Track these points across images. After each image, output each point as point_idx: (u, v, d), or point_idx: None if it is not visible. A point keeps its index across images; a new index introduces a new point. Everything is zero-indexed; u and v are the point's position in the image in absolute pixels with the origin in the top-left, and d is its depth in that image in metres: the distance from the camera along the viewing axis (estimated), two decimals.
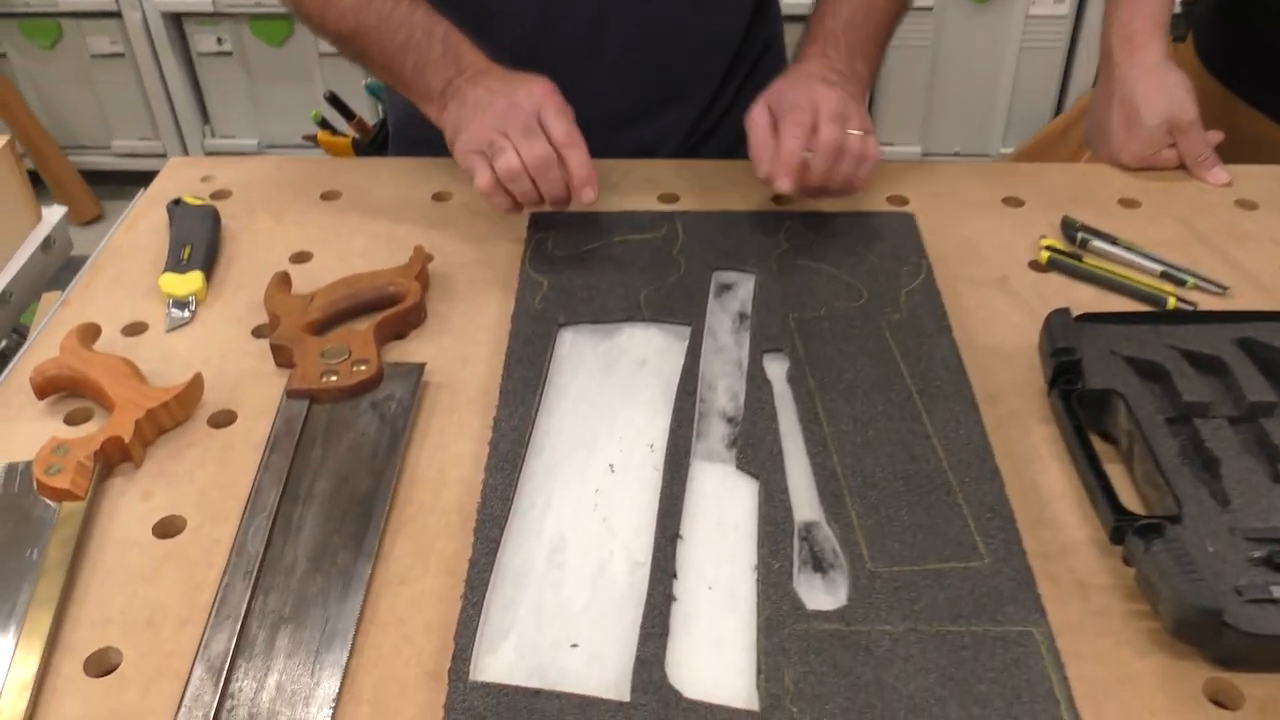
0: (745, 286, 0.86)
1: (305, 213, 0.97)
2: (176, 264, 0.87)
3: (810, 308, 0.82)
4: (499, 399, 0.74)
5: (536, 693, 0.56)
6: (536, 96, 0.82)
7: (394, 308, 0.82)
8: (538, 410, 0.73)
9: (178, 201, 0.94)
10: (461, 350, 0.81)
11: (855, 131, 0.84)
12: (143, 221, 0.96)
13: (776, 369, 0.77)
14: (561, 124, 0.82)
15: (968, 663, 0.57)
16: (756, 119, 0.85)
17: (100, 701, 0.58)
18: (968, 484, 0.67)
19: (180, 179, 1.03)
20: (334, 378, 0.76)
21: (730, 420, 0.74)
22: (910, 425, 0.71)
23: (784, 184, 0.83)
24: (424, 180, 1.01)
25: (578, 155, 0.82)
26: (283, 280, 0.86)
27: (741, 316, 0.83)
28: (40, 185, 2.56)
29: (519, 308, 0.82)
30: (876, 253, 0.88)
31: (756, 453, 0.70)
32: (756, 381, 0.76)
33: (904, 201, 0.97)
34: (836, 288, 0.84)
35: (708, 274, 0.86)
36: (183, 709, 0.56)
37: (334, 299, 0.83)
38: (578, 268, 0.86)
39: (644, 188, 0.99)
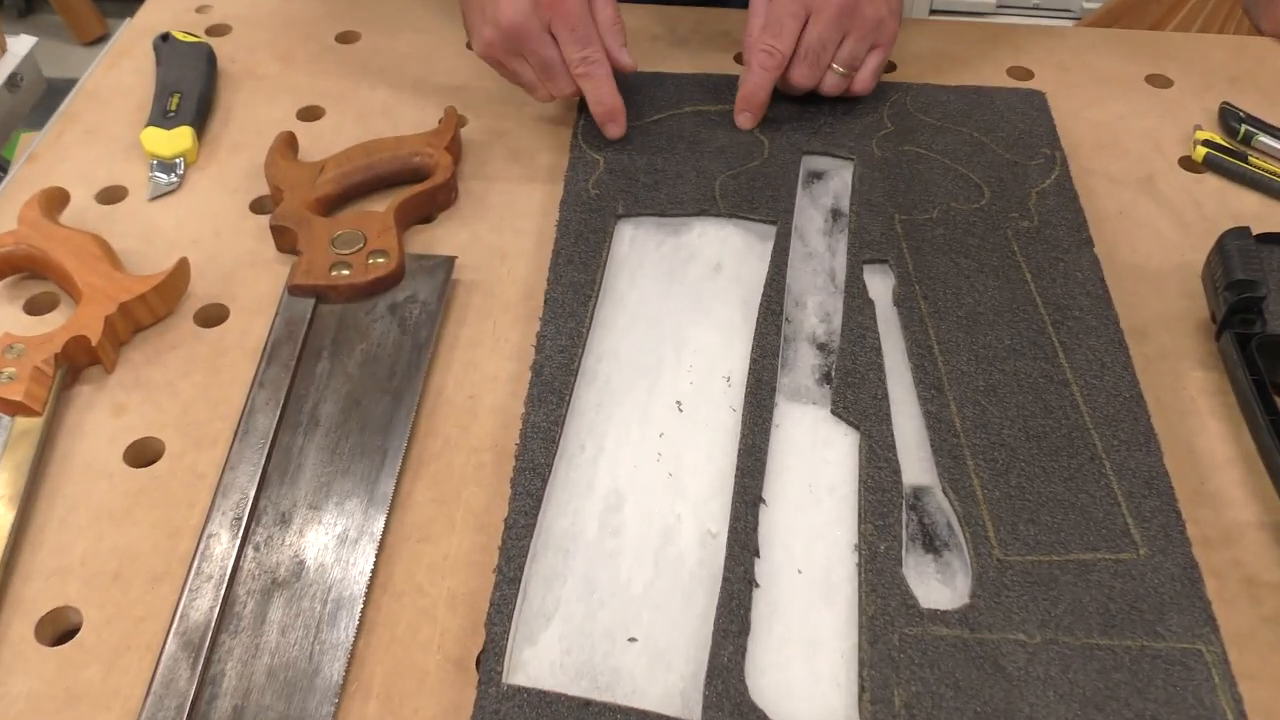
0: (840, 176, 0.71)
1: (318, 57, 0.82)
2: (162, 116, 0.73)
3: (920, 207, 0.67)
4: (544, 309, 0.61)
5: (586, 704, 0.45)
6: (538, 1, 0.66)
7: (420, 185, 0.68)
8: (590, 326, 0.61)
9: (166, 37, 0.79)
10: (499, 242, 0.68)
11: (839, 70, 0.72)
12: (125, 59, 0.82)
13: (880, 285, 0.63)
14: (574, 40, 0.68)
15: (1121, 688, 0.46)
16: (756, 5, 0.72)
17: (54, 677, 0.47)
18: (1117, 448, 0.54)
19: (172, 6, 0.87)
20: (346, 271, 0.63)
21: (822, 348, 0.60)
22: (1044, 366, 0.58)
23: (742, 120, 0.73)
24: (458, 21, 0.85)
25: (593, 86, 0.70)
26: (288, 142, 0.72)
27: (835, 214, 0.68)
28: None
29: (569, 192, 0.68)
30: (1000, 140, 0.72)
31: (856, 395, 0.57)
32: (855, 300, 0.62)
33: (1028, 75, 0.81)
34: (952, 183, 0.69)
35: (796, 157, 0.71)
36: (151, 695, 0.46)
37: (348, 170, 0.70)
38: (640, 144, 0.72)
39: (718, 43, 0.84)
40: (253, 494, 0.53)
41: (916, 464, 0.55)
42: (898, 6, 0.71)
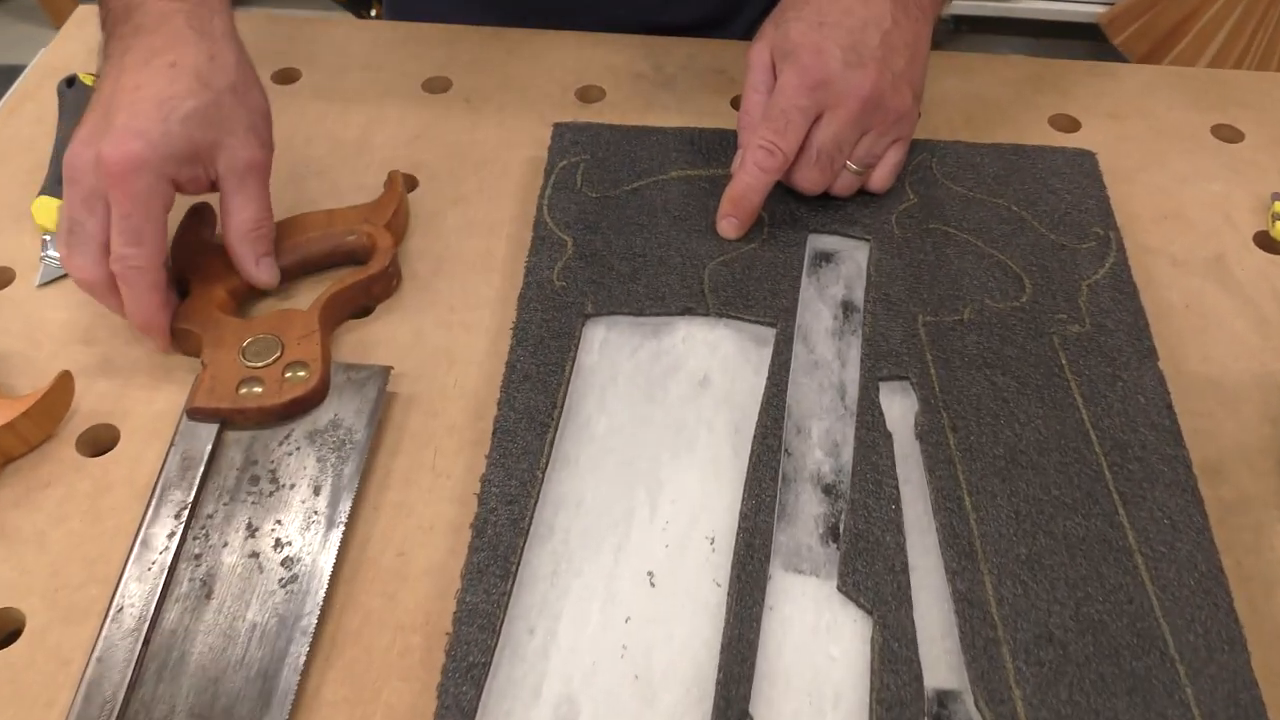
0: (854, 259, 0.60)
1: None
2: (58, 182, 0.62)
3: (948, 305, 0.56)
4: (491, 443, 0.51)
5: None
6: (105, 163, 0.51)
7: (353, 274, 0.58)
8: (547, 465, 0.50)
9: (71, 81, 0.68)
10: (446, 342, 0.57)
11: (853, 168, 0.60)
12: (29, 104, 0.71)
13: (899, 409, 0.53)
14: (120, 230, 0.52)
15: None
16: (754, 75, 0.61)
17: None
18: (1193, 646, 0.44)
19: (89, 39, 0.76)
20: (258, 389, 0.52)
21: (829, 491, 0.50)
22: (1101, 527, 0.48)
23: (725, 227, 0.60)
24: (415, 57, 0.74)
25: (129, 292, 0.53)
26: (197, 219, 0.61)
27: (847, 308, 0.57)
28: None
29: (530, 283, 0.58)
30: (1044, 216, 0.61)
31: (870, 567, 0.46)
32: (869, 429, 0.51)
33: (1073, 126, 0.70)
34: (987, 273, 0.58)
35: (801, 236, 0.60)
36: None
37: (277, 252, 0.59)
38: (616, 220, 0.61)
39: (711, 83, 0.72)
40: (122, 696, 0.43)
41: (942, 661, 0.44)
42: (920, 90, 0.60)
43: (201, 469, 0.50)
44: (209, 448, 0.51)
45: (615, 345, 0.56)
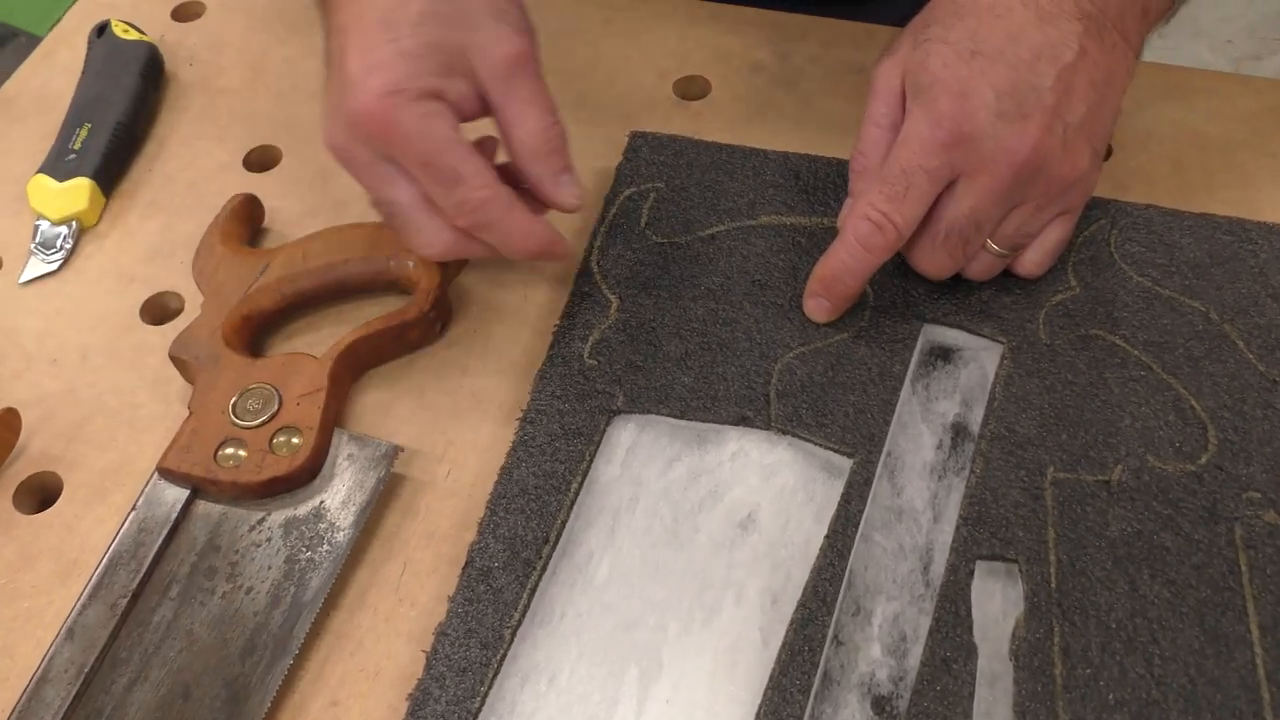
0: (979, 365, 0.46)
1: (298, 65, 0.61)
2: (59, 157, 0.55)
3: (1093, 456, 0.42)
4: (458, 584, 0.41)
5: None
6: (359, 120, 0.42)
7: (383, 321, 0.48)
8: (521, 621, 0.40)
9: (103, 29, 0.60)
10: (448, 415, 0.47)
11: (996, 249, 0.46)
12: (62, 51, 0.63)
13: (997, 606, 0.40)
14: (436, 180, 0.43)
15: None
16: (877, 104, 0.47)
17: None
18: None
19: None
20: (239, 455, 0.44)
21: (881, 709, 0.38)
22: None
23: (812, 309, 0.47)
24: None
25: (496, 232, 0.45)
26: (241, 215, 0.53)
27: (958, 436, 0.44)
28: None
29: (554, 357, 0.47)
30: (1257, 333, 0.45)
31: None
32: (950, 623, 0.39)
33: None
34: (1157, 411, 0.44)
35: (914, 328, 0.47)
36: None
37: (297, 273, 0.50)
38: (680, 275, 0.49)
39: (846, 86, 0.58)
40: None
41: None
42: (1104, 145, 0.44)
43: (157, 547, 0.43)
44: (174, 517, 0.44)
45: (645, 455, 0.44)
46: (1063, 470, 0.42)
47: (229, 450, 0.45)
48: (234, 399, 0.46)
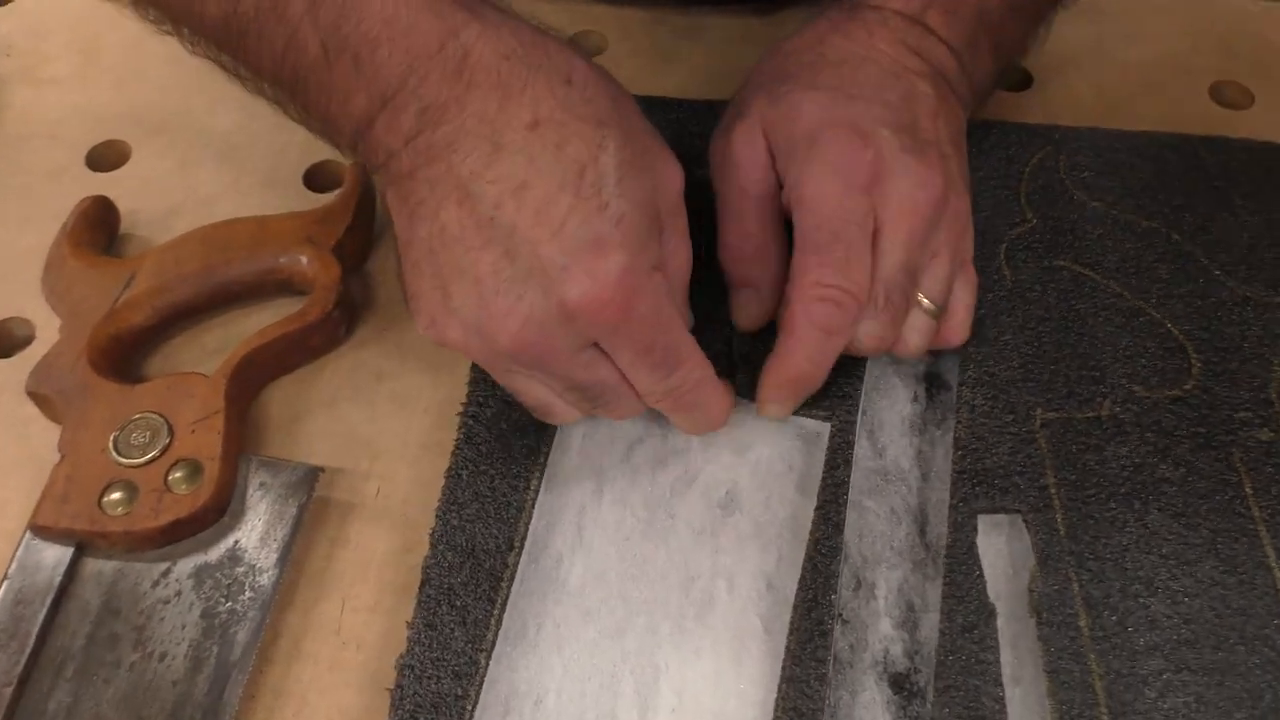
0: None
1: (137, 49, 0.53)
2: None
3: (1079, 392, 0.40)
4: (415, 606, 0.35)
5: None
6: (592, 310, 0.33)
7: (279, 328, 0.42)
8: (495, 642, 0.35)
9: None
10: (367, 426, 0.42)
11: (928, 305, 0.39)
12: None
13: (1007, 559, 0.37)
14: (654, 365, 0.36)
15: None
16: (742, 180, 0.40)
17: None
18: None
19: None
20: (128, 500, 0.38)
21: (900, 687, 0.35)
22: None
23: (772, 409, 0.40)
24: None
25: (694, 415, 0.39)
26: (91, 219, 0.46)
27: (933, 385, 0.41)
28: None
29: None
30: (1219, 249, 0.44)
31: None
32: (961, 584, 0.36)
33: (1244, 99, 0.51)
34: (1135, 339, 0.42)
35: None
36: None
37: (170, 281, 0.44)
38: None
39: (754, 33, 0.54)
40: None
41: None
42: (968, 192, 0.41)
43: (41, 620, 0.36)
44: (57, 582, 0.37)
45: (603, 440, 0.40)
46: (1051, 410, 0.39)
47: (116, 495, 0.38)
48: (114, 434, 0.39)
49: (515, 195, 0.32)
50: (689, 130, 0.47)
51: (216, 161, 0.49)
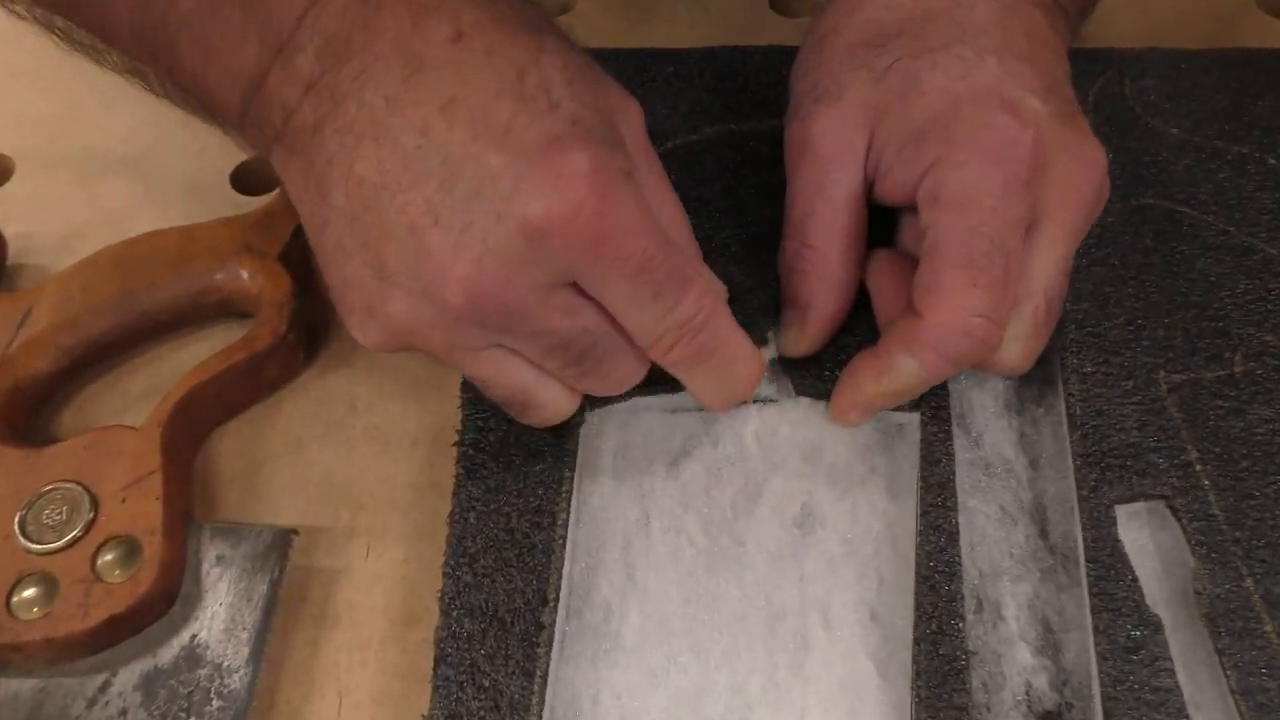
0: None
1: (21, 39, 0.45)
2: None
3: (1204, 347, 0.34)
4: (432, 695, 0.28)
5: None
6: (561, 221, 0.26)
7: (222, 359, 0.34)
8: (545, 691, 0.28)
9: None
10: (345, 470, 0.34)
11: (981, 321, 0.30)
12: None
13: (1159, 556, 0.30)
14: (653, 287, 0.28)
15: None
16: (820, 177, 0.32)
17: None
18: None
19: None
20: (44, 599, 0.30)
21: None
22: None
23: (855, 419, 0.33)
24: None
25: (719, 361, 0.30)
26: None
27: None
28: None
29: None
30: None
31: None
32: (1108, 592, 0.29)
33: None
34: (1255, 280, 0.35)
35: None
36: None
37: (77, 315, 0.35)
38: None
39: None
40: None
41: None
42: None
43: None
44: None
45: (641, 457, 0.33)
46: (1176, 371, 0.33)
47: (29, 592, 0.30)
48: (20, 514, 0.31)
49: (444, 112, 0.26)
50: (700, 84, 0.40)
51: (122, 169, 0.41)
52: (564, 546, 0.31)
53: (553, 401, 0.30)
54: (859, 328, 0.33)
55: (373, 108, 0.26)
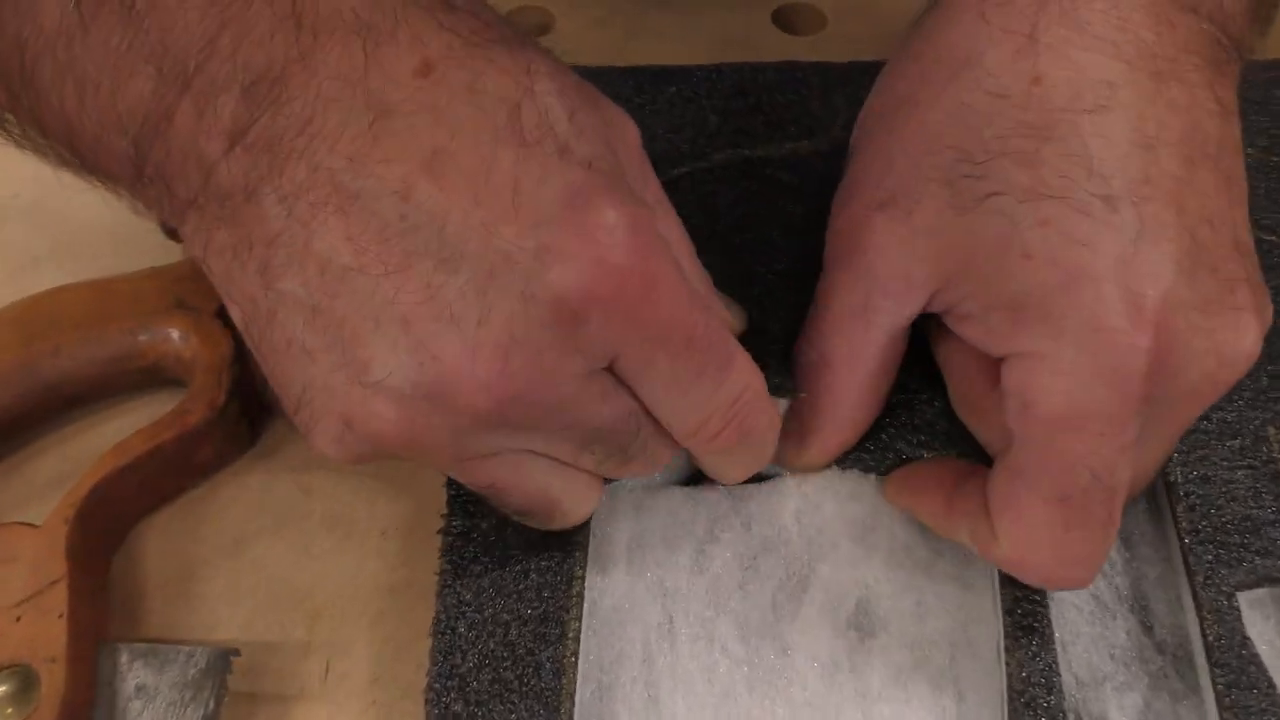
0: None
1: None
2: None
3: None
4: None
5: None
6: (600, 288, 0.21)
7: (146, 440, 0.28)
8: None
9: None
10: (297, 565, 0.28)
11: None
12: None
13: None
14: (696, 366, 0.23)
15: None
16: (867, 304, 0.26)
17: None
18: None
19: None
20: None
21: None
22: None
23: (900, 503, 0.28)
24: None
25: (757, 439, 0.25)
26: None
27: None
28: None
29: None
30: None
31: None
32: (1248, 702, 0.24)
33: None
34: None
35: None
36: None
37: None
38: None
39: None
40: None
41: None
42: None
43: None
44: None
45: (661, 545, 0.27)
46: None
47: None
48: None
49: (429, 171, 0.20)
50: (707, 105, 0.35)
51: (21, 213, 0.35)
52: (574, 663, 0.25)
53: (581, 500, 0.25)
54: (914, 381, 0.28)
55: (330, 169, 0.20)
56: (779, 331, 0.29)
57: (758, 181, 0.33)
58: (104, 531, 0.27)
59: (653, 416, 0.23)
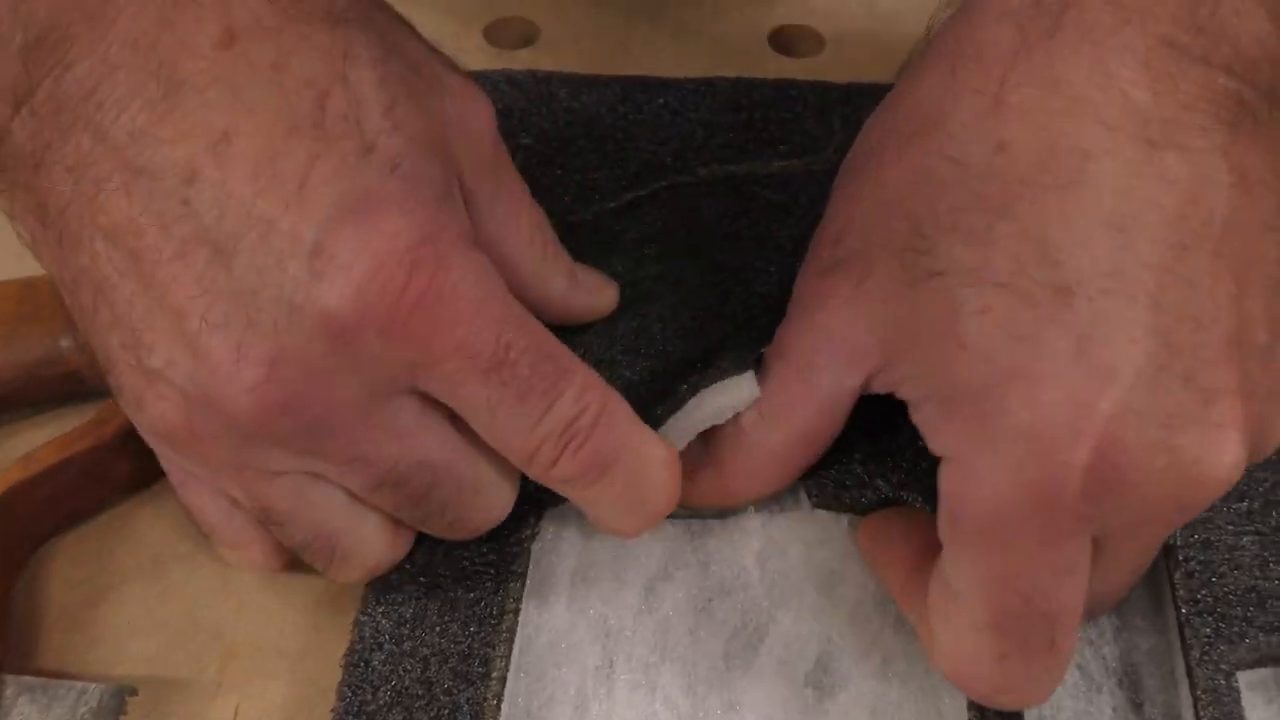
0: None
1: None
2: None
3: None
4: None
5: None
6: (374, 303, 0.19)
7: (57, 450, 0.26)
8: None
9: None
10: (275, 594, 0.26)
11: None
12: None
13: None
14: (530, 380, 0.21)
15: None
16: (808, 366, 0.24)
17: None
18: None
19: None
20: None
21: None
22: None
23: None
24: None
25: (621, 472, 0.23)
26: None
27: None
28: None
29: None
30: None
31: None
32: None
33: None
34: None
35: None
36: None
37: None
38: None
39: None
40: None
41: None
42: None
43: None
44: None
45: (608, 579, 0.26)
46: None
47: None
48: None
49: (214, 153, 0.19)
50: (695, 116, 0.33)
51: None
52: (497, 703, 0.23)
53: (367, 544, 0.23)
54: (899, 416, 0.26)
55: (115, 143, 0.19)
56: (749, 352, 0.27)
57: (743, 199, 0.31)
58: (4, 550, 0.25)
59: (485, 458, 0.21)
